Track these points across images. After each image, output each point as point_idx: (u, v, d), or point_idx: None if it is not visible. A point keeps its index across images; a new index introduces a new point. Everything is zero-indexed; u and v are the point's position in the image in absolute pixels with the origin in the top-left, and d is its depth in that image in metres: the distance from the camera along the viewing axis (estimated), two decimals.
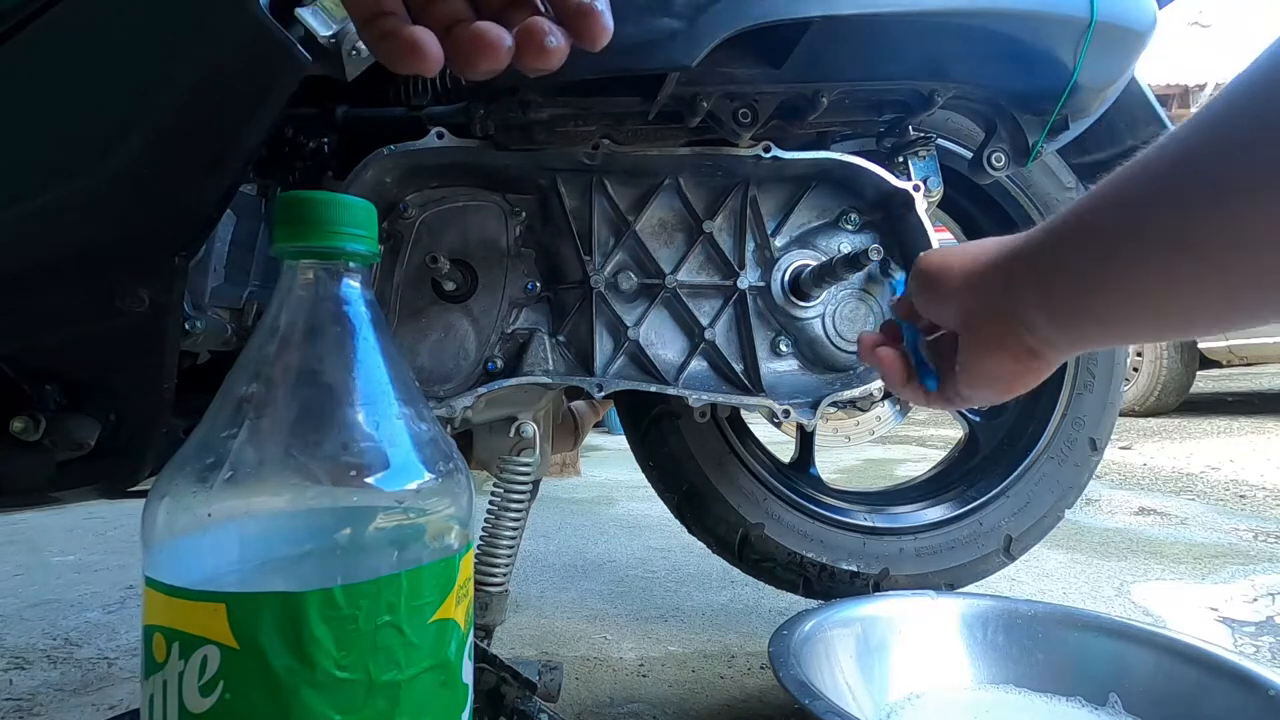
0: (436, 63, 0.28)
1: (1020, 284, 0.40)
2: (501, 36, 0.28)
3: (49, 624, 1.02)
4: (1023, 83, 0.65)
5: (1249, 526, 1.55)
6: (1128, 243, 0.33)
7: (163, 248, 0.46)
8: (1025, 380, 0.44)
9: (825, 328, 0.74)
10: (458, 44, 0.28)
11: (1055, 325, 0.39)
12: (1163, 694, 0.64)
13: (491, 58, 0.28)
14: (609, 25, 0.30)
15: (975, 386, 0.46)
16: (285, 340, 0.32)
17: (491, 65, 0.28)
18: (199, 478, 0.30)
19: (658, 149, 0.69)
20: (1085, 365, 0.93)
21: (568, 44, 0.30)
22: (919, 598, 0.76)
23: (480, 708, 0.60)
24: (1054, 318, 0.39)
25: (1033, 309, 0.39)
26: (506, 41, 0.28)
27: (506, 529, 0.69)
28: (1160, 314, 0.34)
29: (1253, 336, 3.13)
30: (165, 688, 0.29)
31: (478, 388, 0.67)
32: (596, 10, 0.30)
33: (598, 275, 0.71)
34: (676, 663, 0.88)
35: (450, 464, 0.34)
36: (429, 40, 0.28)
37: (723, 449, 0.87)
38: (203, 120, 0.43)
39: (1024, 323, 0.40)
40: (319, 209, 0.32)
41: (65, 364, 0.49)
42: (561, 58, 0.29)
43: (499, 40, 0.28)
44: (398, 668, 0.30)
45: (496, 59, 0.28)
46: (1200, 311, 0.33)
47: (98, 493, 0.55)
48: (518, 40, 0.29)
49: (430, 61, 0.28)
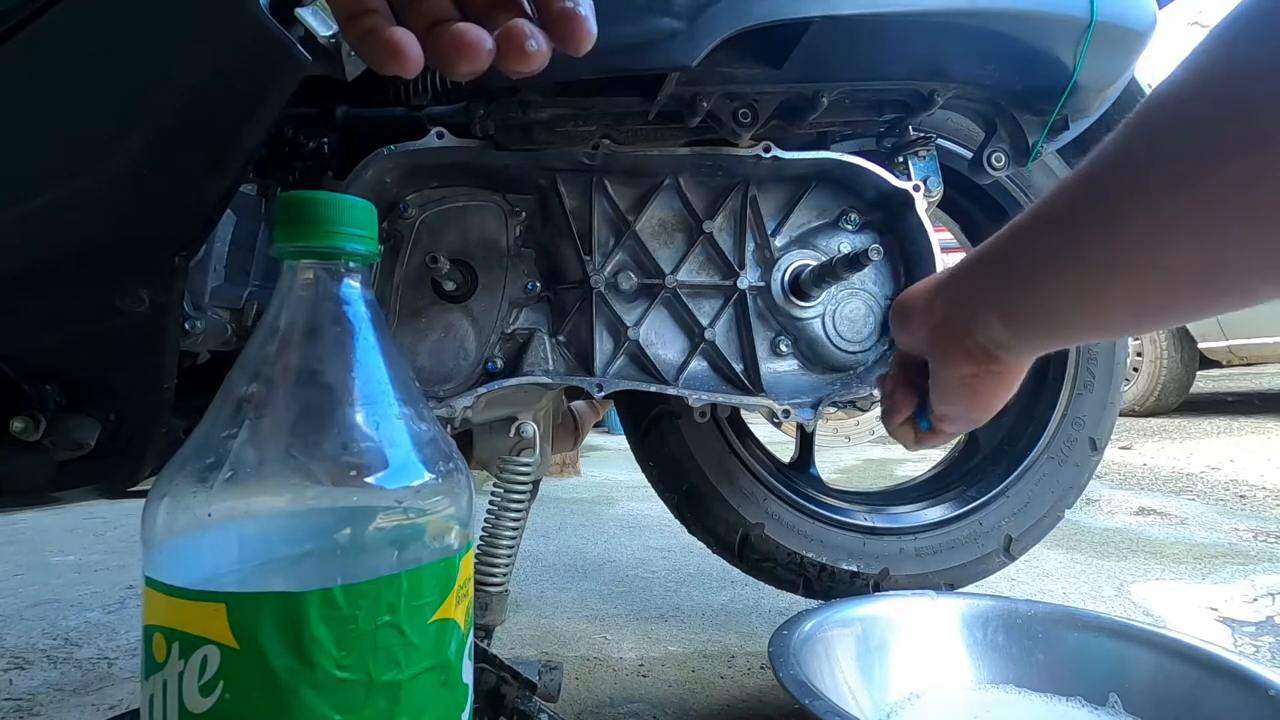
0: (416, 64, 0.28)
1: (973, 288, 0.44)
2: (481, 38, 0.28)
3: (49, 624, 1.02)
4: (1023, 83, 0.65)
5: (1249, 526, 1.55)
6: (1048, 258, 0.38)
7: (163, 248, 0.46)
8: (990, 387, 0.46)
9: (825, 328, 0.74)
10: (438, 44, 0.28)
11: (1006, 326, 0.42)
12: (1163, 694, 0.64)
13: (471, 59, 0.28)
14: (592, 30, 0.30)
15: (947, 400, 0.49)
16: (285, 340, 0.32)
17: (471, 67, 0.28)
18: (199, 478, 0.30)
19: (658, 149, 0.69)
20: (1085, 365, 0.93)
21: (549, 48, 0.29)
22: (919, 598, 0.76)
23: (480, 708, 0.60)
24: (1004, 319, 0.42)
25: (984, 311, 0.42)
26: (487, 44, 0.28)
27: (506, 529, 0.69)
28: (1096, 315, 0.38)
29: (1253, 336, 3.13)
30: (165, 688, 0.29)
31: (478, 388, 0.67)
32: (580, 15, 0.29)
33: (598, 275, 0.71)
34: (676, 663, 0.88)
35: (450, 464, 0.34)
36: (408, 41, 0.28)
37: (723, 449, 0.87)
38: (203, 120, 0.43)
39: (978, 325, 0.43)
40: (319, 209, 0.32)
41: (65, 364, 0.49)
42: (542, 61, 0.29)
43: (479, 42, 0.28)
44: (398, 668, 0.30)
45: (476, 61, 0.28)
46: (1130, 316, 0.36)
47: (98, 493, 0.55)
48: (499, 42, 0.28)
49: (409, 63, 0.28)
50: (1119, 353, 0.94)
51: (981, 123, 0.72)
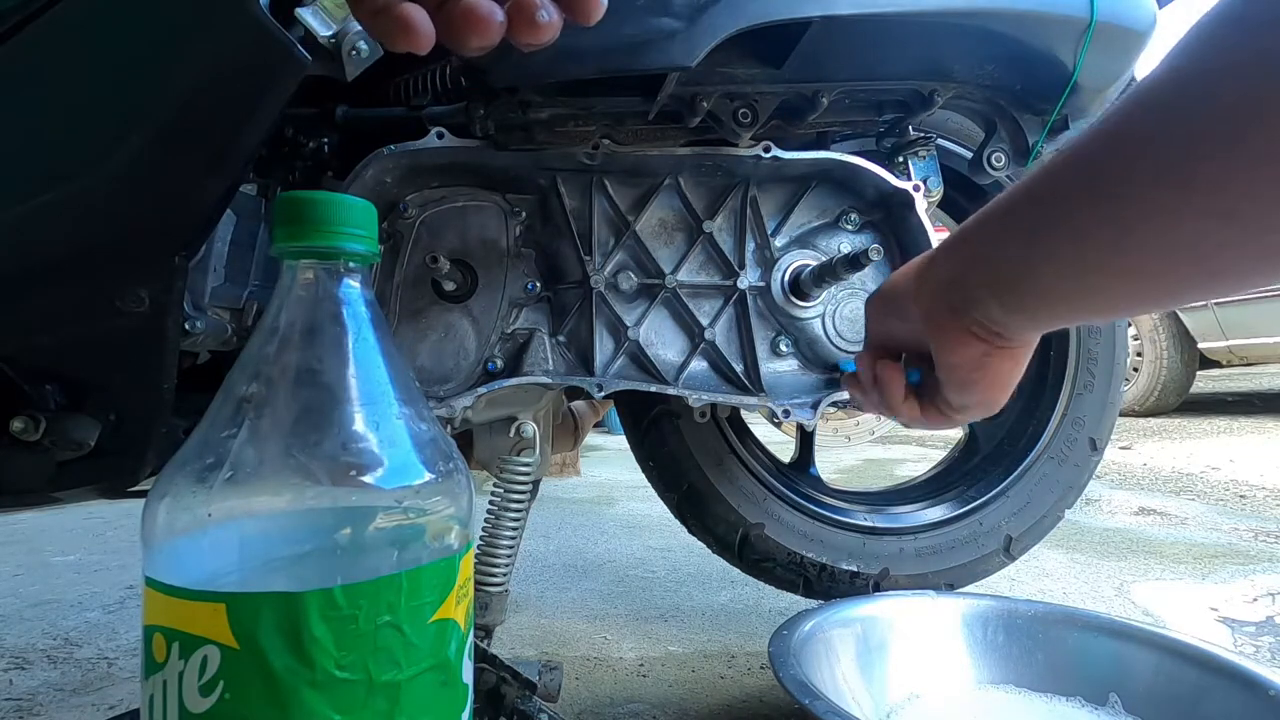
0: (428, 40, 0.28)
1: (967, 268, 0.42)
2: (493, 11, 0.28)
3: (49, 624, 1.02)
4: (1023, 83, 0.65)
5: (1249, 526, 1.55)
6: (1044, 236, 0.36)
7: (163, 248, 0.46)
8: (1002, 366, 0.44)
9: (825, 328, 0.74)
10: (450, 20, 0.28)
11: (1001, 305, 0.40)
12: (1163, 694, 0.64)
13: (483, 33, 0.28)
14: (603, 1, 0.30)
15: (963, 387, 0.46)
16: (285, 340, 0.32)
17: (483, 41, 0.28)
18: (199, 478, 0.30)
19: (658, 149, 0.69)
20: (1085, 365, 0.93)
21: (560, 19, 0.29)
22: (919, 598, 0.76)
23: (480, 708, 0.60)
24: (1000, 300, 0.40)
25: (978, 288, 0.41)
26: (498, 16, 0.28)
27: (506, 529, 0.69)
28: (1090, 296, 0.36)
29: (1253, 336, 3.13)
30: (165, 688, 0.29)
31: (478, 388, 0.67)
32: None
33: (598, 275, 0.71)
34: (676, 663, 0.88)
35: (450, 464, 0.34)
36: (420, 17, 0.28)
37: (723, 449, 0.87)
38: (203, 120, 0.43)
39: (975, 303, 0.41)
40: (319, 209, 0.32)
41: (65, 364, 0.49)
42: (553, 32, 0.29)
43: (490, 15, 0.28)
44: (398, 668, 0.30)
45: (488, 34, 0.28)
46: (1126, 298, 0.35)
47: (98, 493, 0.55)
48: (509, 14, 0.28)
49: (421, 38, 0.28)
50: (1119, 353, 0.94)
51: (981, 123, 0.72)
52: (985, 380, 0.44)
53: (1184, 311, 3.29)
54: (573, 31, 0.30)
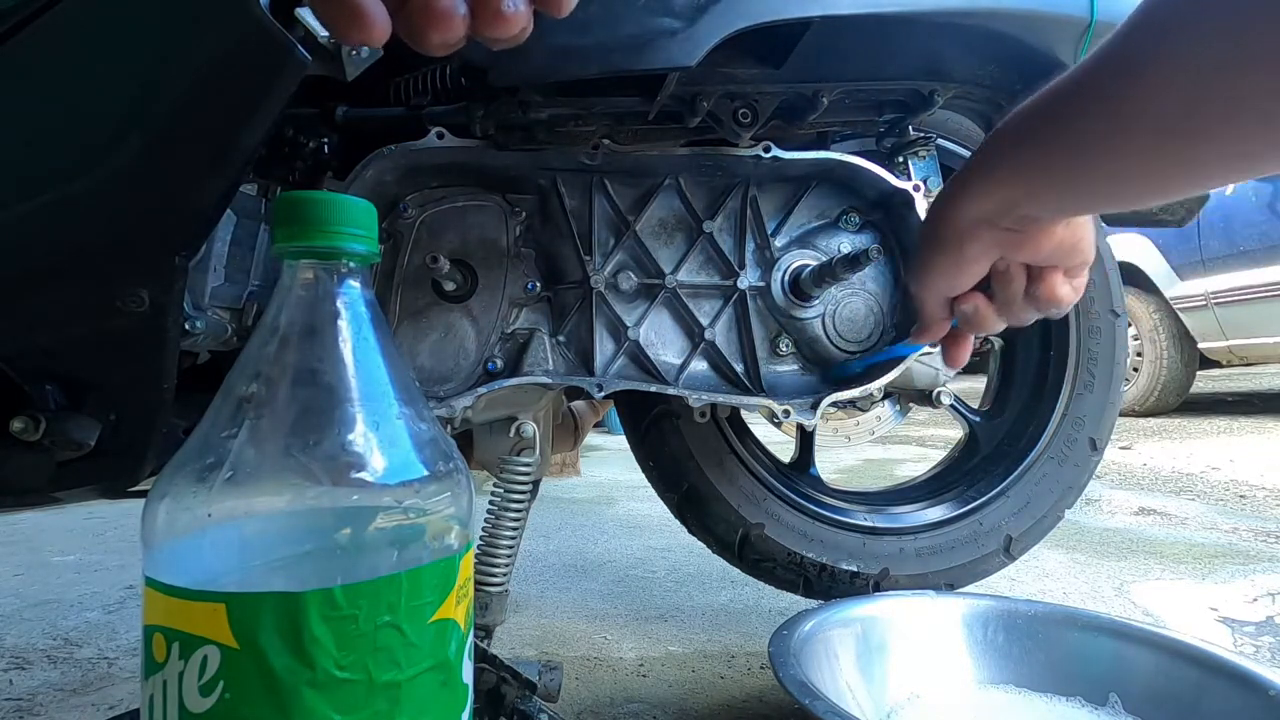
0: (382, 32, 0.26)
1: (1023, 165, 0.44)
2: (453, 4, 0.26)
3: (49, 624, 1.02)
4: (1023, 83, 0.65)
5: (1249, 526, 1.55)
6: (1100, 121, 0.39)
7: (163, 248, 0.46)
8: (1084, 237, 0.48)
9: (825, 328, 0.74)
10: (409, 14, 0.26)
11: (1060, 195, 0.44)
12: (1163, 694, 0.64)
13: (443, 28, 0.26)
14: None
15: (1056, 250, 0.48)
16: (285, 340, 0.32)
17: (444, 37, 0.26)
18: (199, 478, 0.30)
19: (658, 149, 0.69)
20: (1085, 365, 0.93)
21: (529, 9, 0.27)
22: (919, 598, 0.76)
23: (480, 708, 0.60)
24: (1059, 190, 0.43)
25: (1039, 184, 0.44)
26: (459, 9, 0.26)
27: (506, 529, 0.69)
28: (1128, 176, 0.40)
29: (1253, 336, 3.13)
30: (165, 688, 0.29)
31: (478, 388, 0.67)
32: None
33: (598, 275, 0.71)
34: (676, 663, 0.88)
35: (450, 464, 0.34)
36: (374, 7, 0.26)
37: (723, 449, 0.87)
38: (203, 120, 0.43)
39: (1034, 200, 0.44)
40: (319, 209, 0.32)
41: (65, 364, 0.49)
42: (521, 25, 0.27)
43: (450, 9, 0.26)
44: (398, 668, 0.30)
45: (449, 29, 0.26)
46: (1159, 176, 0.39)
47: (98, 493, 0.55)
48: (472, 7, 0.26)
49: (375, 31, 0.26)
50: (1119, 353, 0.94)
51: (981, 123, 0.72)
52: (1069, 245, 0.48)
53: (1184, 312, 3.29)
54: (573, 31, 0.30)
